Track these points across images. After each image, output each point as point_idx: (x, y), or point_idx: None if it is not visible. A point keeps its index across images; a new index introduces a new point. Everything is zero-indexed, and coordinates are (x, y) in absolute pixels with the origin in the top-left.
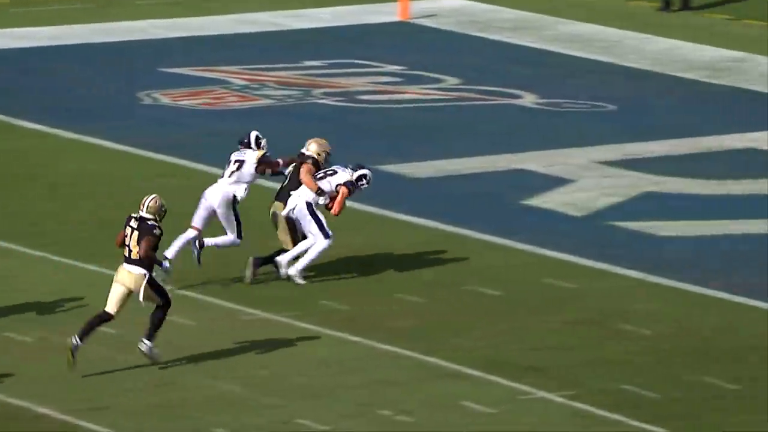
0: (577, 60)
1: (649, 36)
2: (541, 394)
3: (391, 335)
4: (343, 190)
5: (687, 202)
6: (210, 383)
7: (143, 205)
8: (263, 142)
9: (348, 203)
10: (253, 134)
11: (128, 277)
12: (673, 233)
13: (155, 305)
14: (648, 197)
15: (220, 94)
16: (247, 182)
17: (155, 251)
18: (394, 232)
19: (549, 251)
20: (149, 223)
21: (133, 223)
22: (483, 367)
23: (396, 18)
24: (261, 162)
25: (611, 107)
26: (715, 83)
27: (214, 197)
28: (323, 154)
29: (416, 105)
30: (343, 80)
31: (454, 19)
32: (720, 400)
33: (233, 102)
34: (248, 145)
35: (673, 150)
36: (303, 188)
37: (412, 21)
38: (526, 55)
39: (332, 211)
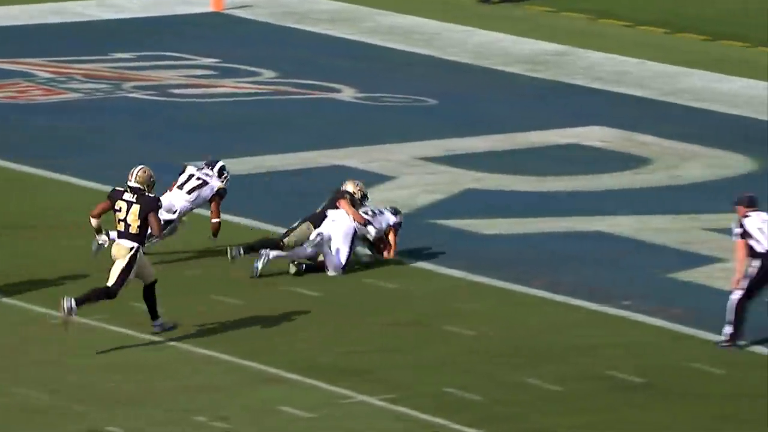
0: (396, 53)
1: (469, 28)
2: (362, 397)
3: (208, 338)
4: (392, 233)
5: (509, 199)
6: (15, 390)
7: (132, 175)
8: (227, 174)
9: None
10: (220, 164)
11: (124, 251)
12: (495, 231)
13: (144, 285)
14: (470, 194)
15: (24, 87)
16: (197, 205)
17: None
18: (209, 231)
19: (370, 250)
20: (150, 196)
21: (129, 197)
22: (302, 370)
23: (209, 9)
24: (219, 194)
25: (432, 102)
26: (536, 77)
27: (178, 204)
28: (359, 193)
29: (232, 99)
30: (154, 73)
31: (269, 11)
32: (543, 402)
33: (39, 96)
34: (211, 167)
35: (496, 146)
36: (340, 216)
37: (226, 12)
38: (344, 47)
39: (386, 256)
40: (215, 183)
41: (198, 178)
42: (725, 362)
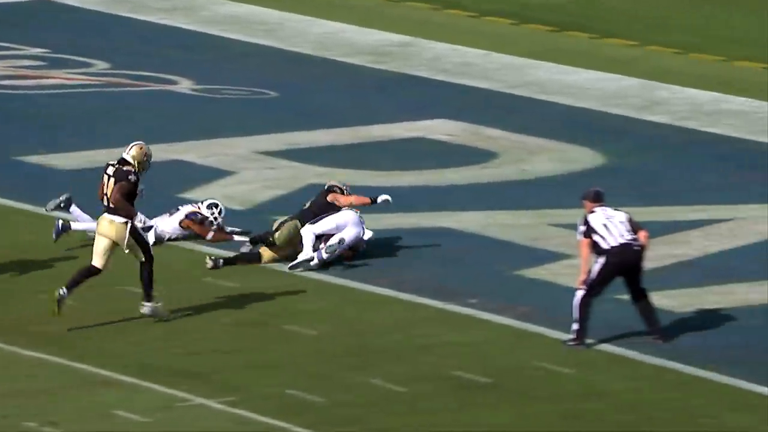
0: (235, 43)
1: (311, 18)
2: (200, 400)
3: (37, 340)
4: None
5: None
6: None
7: (127, 149)
8: (218, 211)
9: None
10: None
11: (109, 226)
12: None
13: (139, 263)
14: (312, 190)
15: None
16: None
17: (130, 200)
18: (44, 229)
19: (207, 247)
20: (125, 169)
21: (110, 170)
22: (136, 373)
23: None
24: (188, 218)
25: (272, 94)
26: (380, 68)
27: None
28: (344, 187)
29: (62, 91)
30: None
31: None
32: (387, 403)
33: None
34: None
35: (339, 139)
36: (343, 216)
37: (54, 0)
38: (181, 37)
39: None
40: (179, 215)
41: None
42: (573, 361)
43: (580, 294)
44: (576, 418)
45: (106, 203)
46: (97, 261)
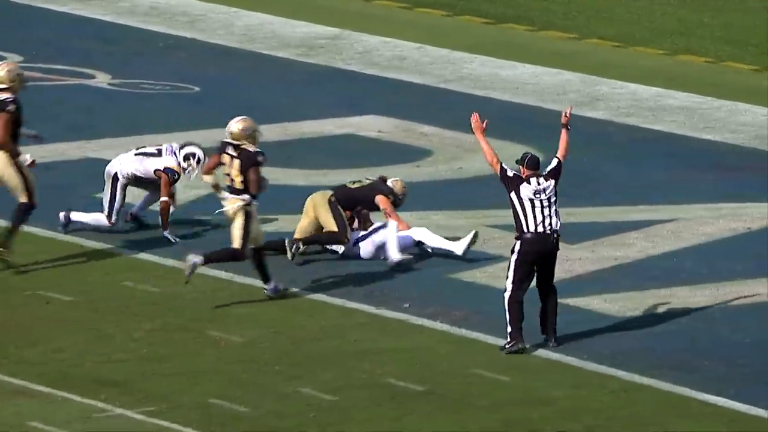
0: (156, 35)
1: (237, 10)
2: (120, 410)
3: None
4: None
5: (282, 194)
6: None
7: (228, 132)
8: (192, 162)
9: None
10: (191, 149)
11: (233, 206)
12: (269, 228)
13: (253, 249)
14: None
15: None
16: (141, 173)
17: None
18: None
19: (129, 253)
20: (250, 150)
21: (231, 151)
22: (53, 382)
23: None
24: (165, 171)
25: (196, 89)
26: (309, 62)
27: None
28: (402, 198)
29: None
30: None
31: None
32: (319, 412)
33: None
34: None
35: (266, 136)
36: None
37: None
38: (98, 29)
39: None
40: (168, 160)
41: (157, 148)
42: (511, 367)
43: (506, 295)
44: (517, 425)
45: (229, 183)
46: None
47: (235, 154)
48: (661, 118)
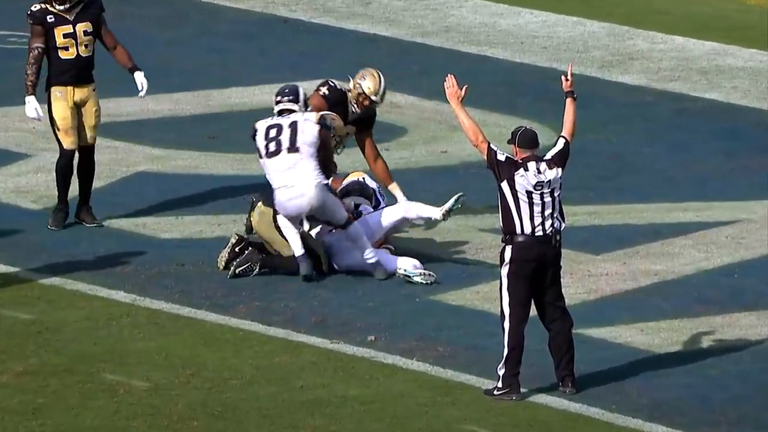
0: None
1: None
2: None
3: None
4: None
5: (204, 185)
6: None
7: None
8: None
9: None
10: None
11: None
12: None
13: None
14: (143, 178)
15: None
16: None
17: None
18: None
19: None
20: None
21: None
22: None
23: None
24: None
25: None
26: (239, 8)
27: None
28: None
29: None
30: None
31: None
32: None
33: None
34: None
35: (181, 108)
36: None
37: None
38: None
39: None
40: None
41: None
42: (514, 422)
43: (506, 325)
44: None
45: None
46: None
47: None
48: (717, 84)
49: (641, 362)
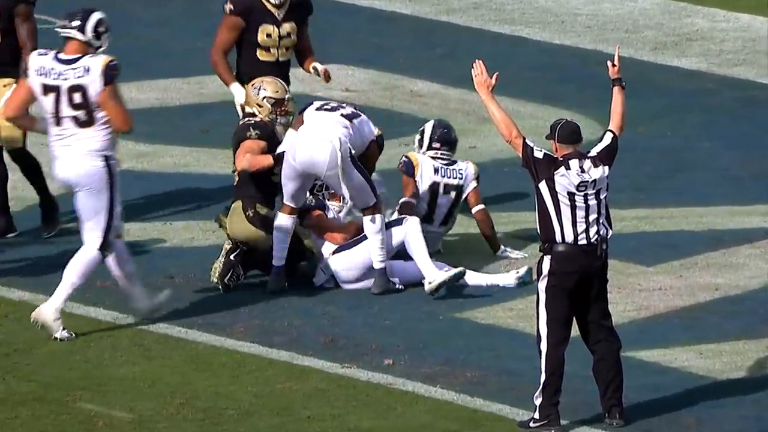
0: None
1: None
2: None
3: None
4: None
5: (194, 182)
6: None
7: None
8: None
9: None
10: None
11: None
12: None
13: None
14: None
15: None
16: None
17: None
18: None
19: None
20: None
21: None
22: None
23: None
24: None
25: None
26: None
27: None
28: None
29: None
30: None
31: None
32: None
33: None
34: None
35: (169, 97)
36: None
37: None
38: None
39: None
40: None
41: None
42: None
43: (542, 347)
44: None
45: None
46: None
47: None
48: None
49: (700, 390)
